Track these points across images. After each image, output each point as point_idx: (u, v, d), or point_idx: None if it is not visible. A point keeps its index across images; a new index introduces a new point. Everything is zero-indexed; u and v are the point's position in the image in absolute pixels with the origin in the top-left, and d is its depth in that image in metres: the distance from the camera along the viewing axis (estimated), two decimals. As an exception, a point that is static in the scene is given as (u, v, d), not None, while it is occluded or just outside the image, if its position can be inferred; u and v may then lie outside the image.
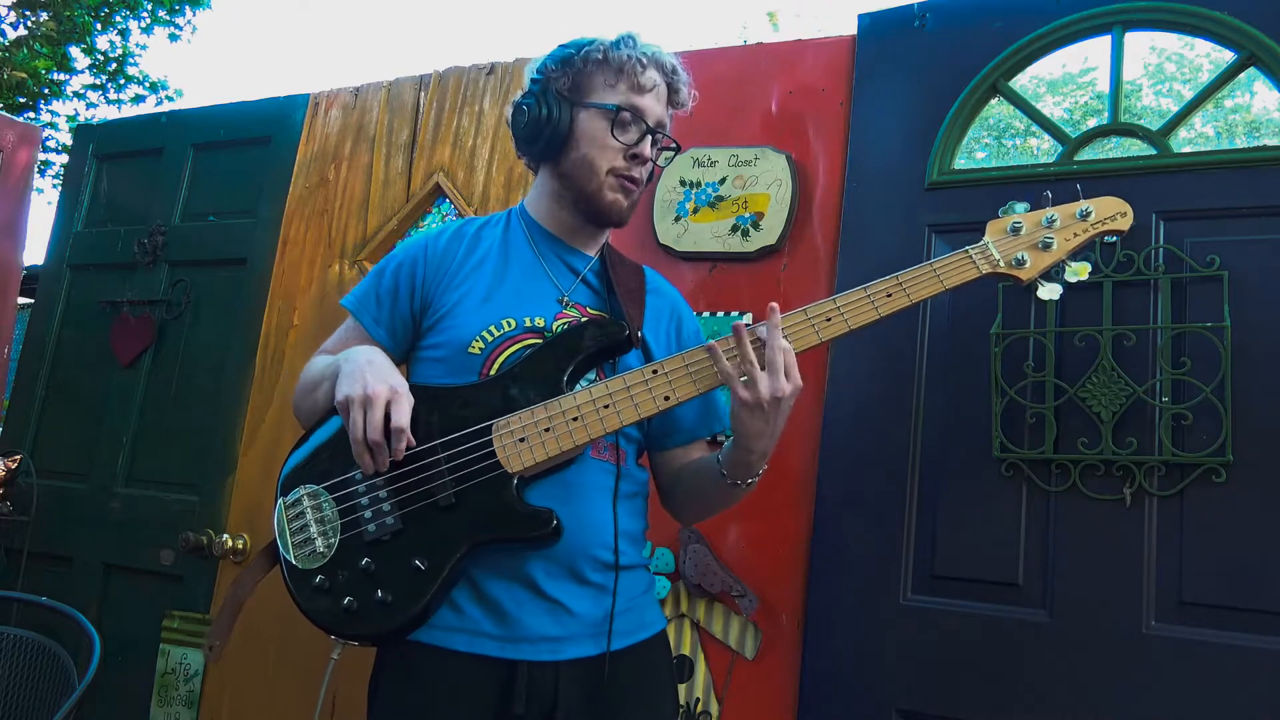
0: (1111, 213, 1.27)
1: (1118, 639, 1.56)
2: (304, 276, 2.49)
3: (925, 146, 1.89)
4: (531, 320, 1.30)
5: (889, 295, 1.22)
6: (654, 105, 1.33)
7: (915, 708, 1.68)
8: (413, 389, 1.25)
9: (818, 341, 1.22)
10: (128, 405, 2.63)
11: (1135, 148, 1.78)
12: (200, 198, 2.74)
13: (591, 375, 1.30)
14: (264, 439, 2.41)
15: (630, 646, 1.28)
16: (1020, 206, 1.28)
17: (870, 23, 2.01)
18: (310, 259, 2.49)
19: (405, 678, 1.24)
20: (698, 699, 1.84)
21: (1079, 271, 1.27)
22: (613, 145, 1.31)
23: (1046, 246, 1.24)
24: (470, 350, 1.28)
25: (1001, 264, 1.24)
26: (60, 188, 3.10)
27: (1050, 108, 6.50)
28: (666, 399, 1.21)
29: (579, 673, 1.23)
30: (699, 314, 1.99)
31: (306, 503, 1.24)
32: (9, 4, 9.06)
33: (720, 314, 1.98)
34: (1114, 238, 1.27)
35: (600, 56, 1.31)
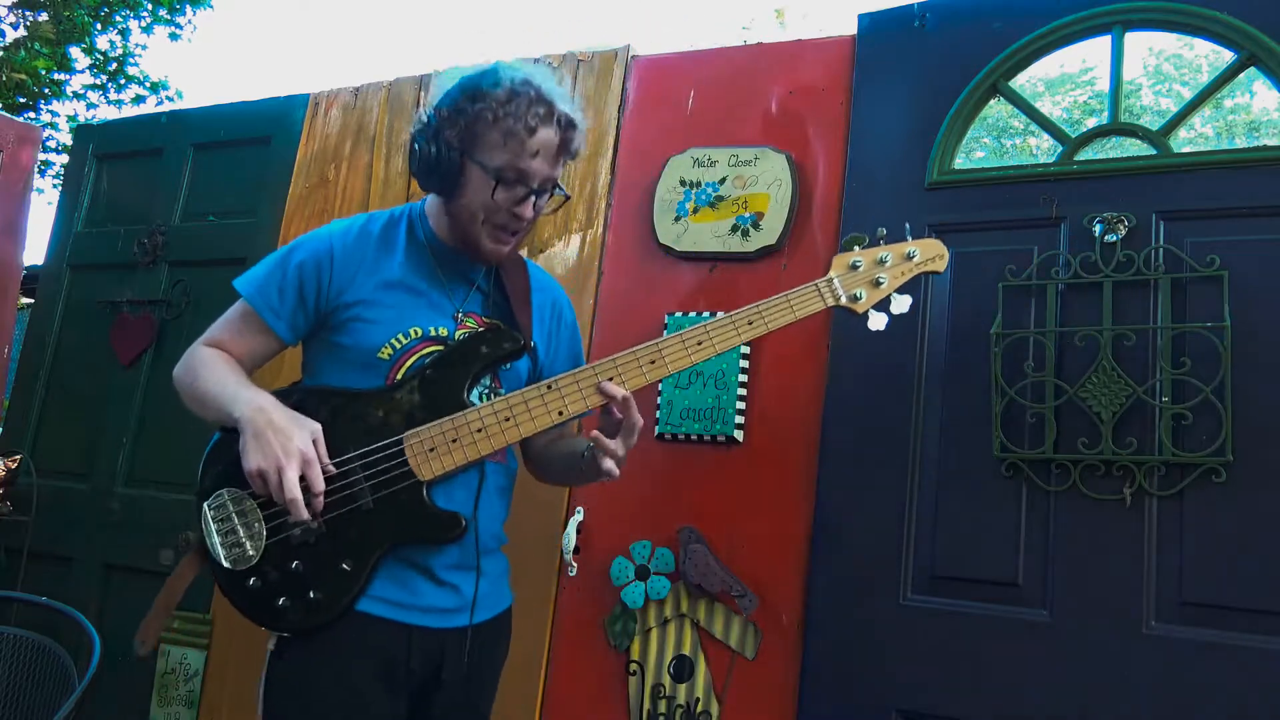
0: (932, 254, 1.47)
1: (1118, 639, 1.56)
2: (304, 276, 2.48)
3: (925, 146, 1.89)
4: (435, 330, 1.41)
5: (750, 323, 1.40)
6: (541, 167, 1.36)
7: (915, 708, 1.69)
8: (323, 392, 1.37)
9: (690, 364, 1.39)
10: (128, 405, 2.63)
11: (1135, 148, 1.78)
12: (200, 198, 2.74)
13: (486, 379, 1.43)
14: (264, 439, 2.41)
15: (493, 617, 1.46)
16: (856, 255, 1.44)
17: (870, 23, 2.01)
18: (310, 259, 2.49)
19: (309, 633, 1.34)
20: (698, 699, 1.84)
21: (902, 304, 1.43)
22: (494, 204, 1.36)
23: (878, 284, 1.43)
24: (379, 355, 1.38)
25: (843, 299, 1.42)
26: (60, 188, 3.10)
27: (1050, 107, 6.49)
28: (560, 414, 1.36)
29: (458, 638, 1.39)
30: (699, 314, 2.00)
31: (231, 507, 1.33)
32: (9, 4, 9.06)
33: (721, 314, 1.98)
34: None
35: (490, 118, 1.32)
